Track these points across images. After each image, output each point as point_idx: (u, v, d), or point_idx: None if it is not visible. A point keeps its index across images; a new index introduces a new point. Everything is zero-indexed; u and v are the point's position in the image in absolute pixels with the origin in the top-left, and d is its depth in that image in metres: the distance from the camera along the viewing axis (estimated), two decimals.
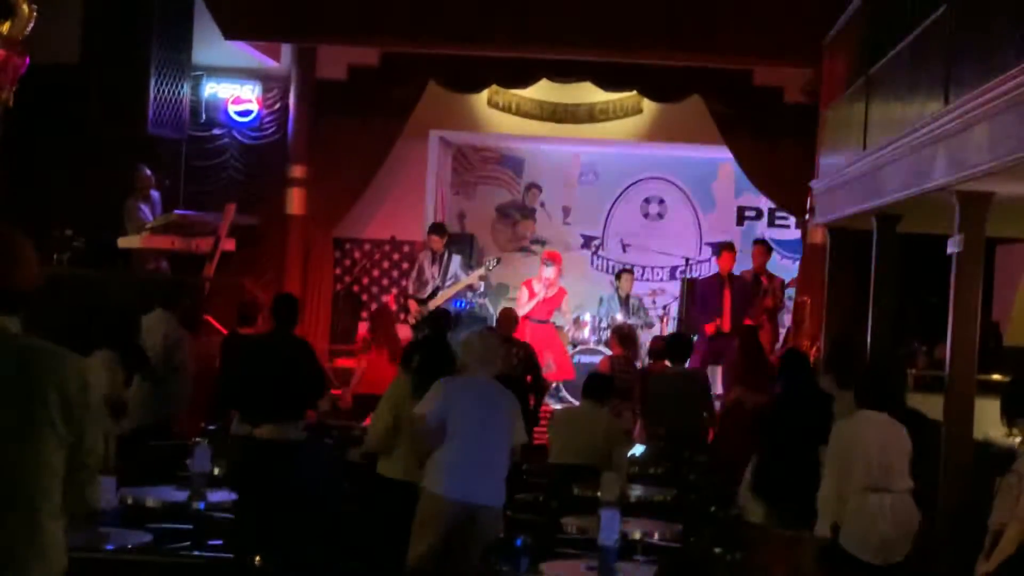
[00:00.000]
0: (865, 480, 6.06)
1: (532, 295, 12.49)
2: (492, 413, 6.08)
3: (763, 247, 12.87)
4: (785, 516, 6.66)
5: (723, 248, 12.85)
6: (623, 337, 10.63)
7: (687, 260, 14.54)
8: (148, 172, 12.00)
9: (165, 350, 8.00)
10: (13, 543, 2.96)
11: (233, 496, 5.99)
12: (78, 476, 3.08)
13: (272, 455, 6.93)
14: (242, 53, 13.30)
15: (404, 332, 11.65)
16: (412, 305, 12.34)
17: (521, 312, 12.03)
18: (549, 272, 12.51)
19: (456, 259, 12.46)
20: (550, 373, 11.67)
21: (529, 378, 10.05)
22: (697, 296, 12.72)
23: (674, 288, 14.26)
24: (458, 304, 12.60)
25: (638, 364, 10.96)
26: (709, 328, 12.15)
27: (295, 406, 7.44)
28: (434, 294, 12.24)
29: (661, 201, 15.39)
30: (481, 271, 12.53)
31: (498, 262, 12.74)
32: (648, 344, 11.50)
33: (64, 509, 3.05)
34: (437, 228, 12.66)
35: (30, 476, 2.98)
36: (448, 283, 12.26)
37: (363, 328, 13.00)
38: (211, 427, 8.03)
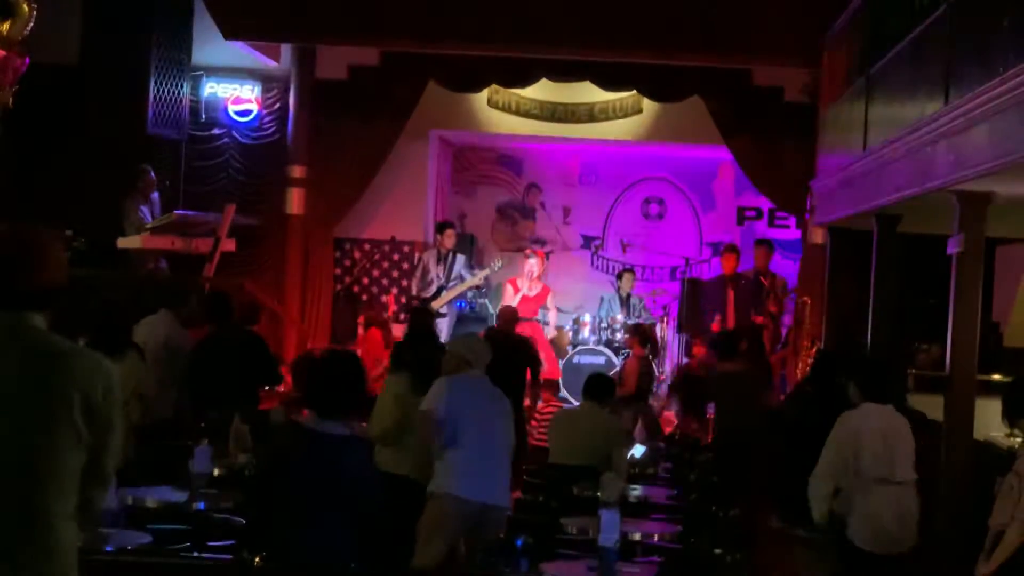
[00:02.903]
0: (872, 472, 6.10)
1: (517, 291, 12.50)
2: (494, 413, 6.14)
3: (765, 248, 12.90)
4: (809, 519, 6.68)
5: (726, 249, 12.94)
6: (643, 337, 10.60)
7: (687, 260, 14.55)
8: (153, 174, 12.00)
9: (167, 351, 8.00)
10: (22, 544, 2.93)
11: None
12: (94, 489, 3.08)
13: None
14: (242, 53, 13.31)
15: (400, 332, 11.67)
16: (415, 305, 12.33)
17: None
18: (533, 267, 12.51)
19: (460, 259, 12.50)
20: (541, 371, 11.70)
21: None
22: (701, 296, 12.85)
23: (674, 288, 14.25)
24: (459, 304, 12.61)
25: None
26: (714, 327, 12.23)
27: (244, 393, 7.80)
28: (438, 294, 12.25)
29: (661, 201, 15.39)
30: (487, 271, 12.53)
31: (503, 263, 12.74)
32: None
33: (75, 516, 3.04)
34: (449, 224, 12.68)
35: (45, 476, 2.97)
36: (452, 283, 12.29)
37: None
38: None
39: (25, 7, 10.39)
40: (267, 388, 9.16)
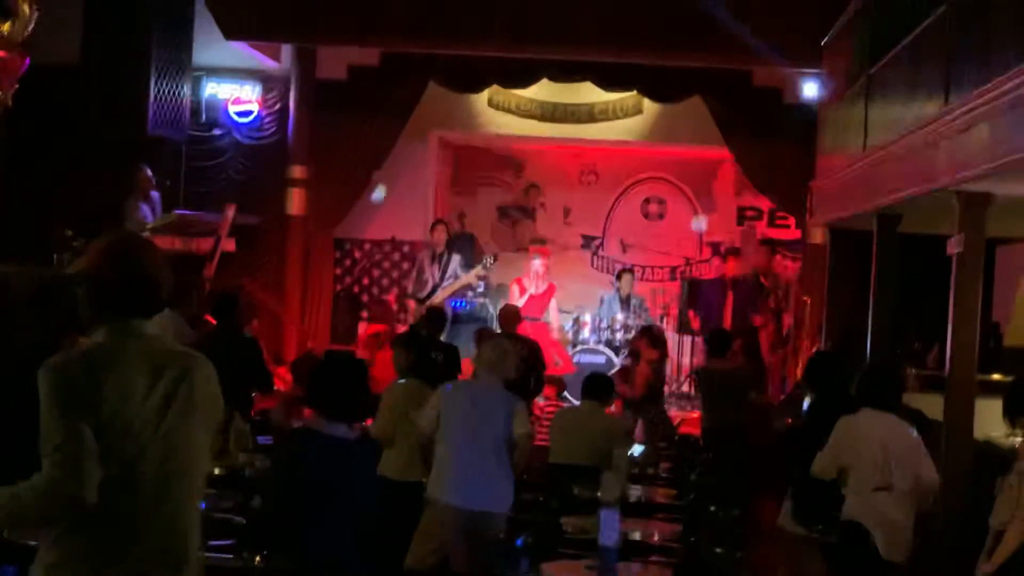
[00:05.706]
0: (875, 479, 6.09)
1: (523, 291, 12.51)
2: (485, 416, 6.11)
3: (766, 248, 13.01)
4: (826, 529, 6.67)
5: (729, 254, 13.03)
6: (655, 340, 10.60)
7: (687, 260, 14.55)
8: (149, 172, 11.99)
9: None
10: (185, 542, 3.14)
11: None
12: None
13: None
14: (242, 53, 13.31)
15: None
16: (410, 304, 12.36)
17: None
18: (538, 266, 12.53)
19: (456, 258, 12.49)
20: (557, 368, 11.72)
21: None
22: (700, 297, 12.87)
23: (675, 288, 14.26)
24: (458, 304, 12.61)
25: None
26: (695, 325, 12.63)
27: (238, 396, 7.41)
28: (433, 292, 12.26)
29: (661, 201, 15.39)
30: (478, 270, 12.51)
31: (495, 260, 12.72)
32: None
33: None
34: (440, 221, 12.73)
35: (191, 475, 3.18)
36: (447, 282, 12.28)
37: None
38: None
39: (26, 8, 10.38)
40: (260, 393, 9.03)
